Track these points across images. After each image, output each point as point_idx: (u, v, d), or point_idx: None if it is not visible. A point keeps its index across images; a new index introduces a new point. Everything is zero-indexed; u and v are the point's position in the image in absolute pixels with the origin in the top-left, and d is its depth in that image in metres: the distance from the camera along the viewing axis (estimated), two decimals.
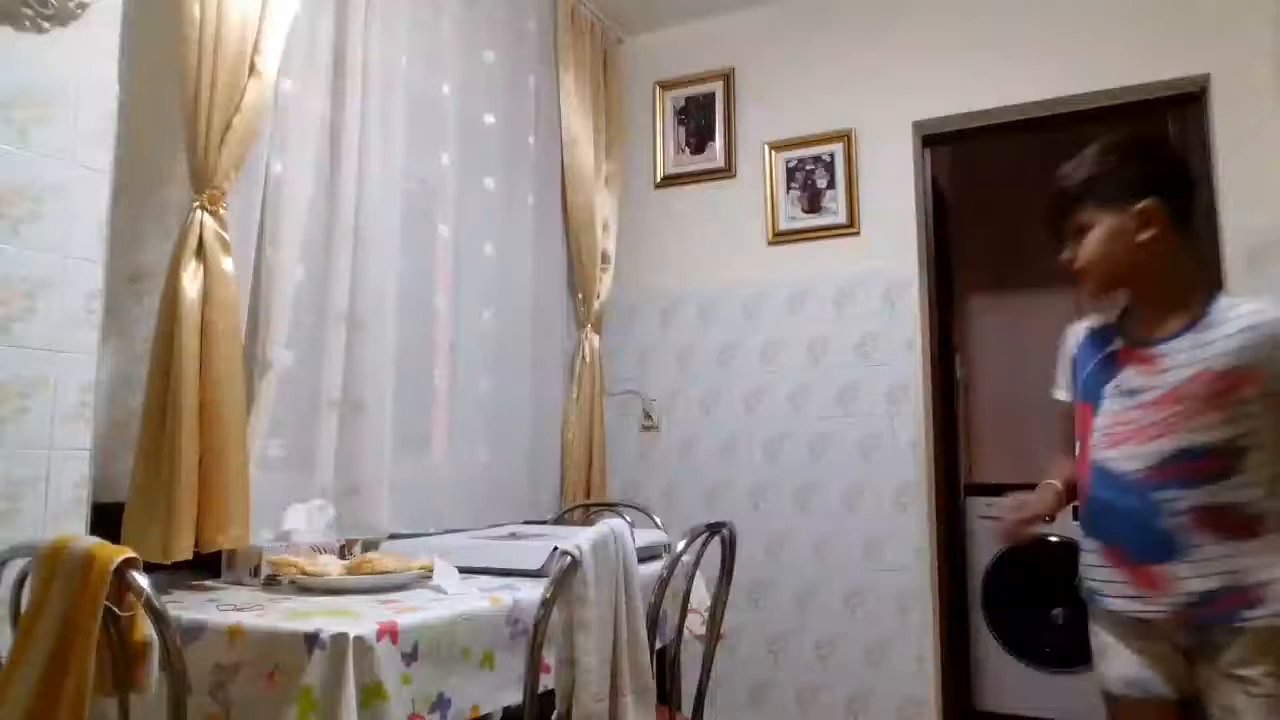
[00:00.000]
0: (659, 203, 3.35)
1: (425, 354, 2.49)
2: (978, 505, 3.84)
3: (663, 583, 1.77)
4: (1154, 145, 1.57)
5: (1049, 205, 1.59)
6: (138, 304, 1.81)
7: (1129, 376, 1.51)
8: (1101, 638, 1.56)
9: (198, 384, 1.64)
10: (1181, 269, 1.51)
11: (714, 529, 1.91)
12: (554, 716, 1.51)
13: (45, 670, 1.11)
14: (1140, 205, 1.48)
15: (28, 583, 1.19)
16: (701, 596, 2.17)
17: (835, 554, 2.92)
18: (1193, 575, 1.41)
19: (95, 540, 1.16)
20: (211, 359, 1.67)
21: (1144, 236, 1.48)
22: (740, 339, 3.15)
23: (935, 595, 2.83)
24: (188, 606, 1.49)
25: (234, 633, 1.36)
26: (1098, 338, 1.62)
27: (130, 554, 1.13)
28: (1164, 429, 1.45)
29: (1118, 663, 1.52)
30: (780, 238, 3.11)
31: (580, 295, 3.11)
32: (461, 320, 2.59)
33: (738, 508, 3.05)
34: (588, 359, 3.09)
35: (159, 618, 1.13)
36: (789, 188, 3.12)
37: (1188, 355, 1.45)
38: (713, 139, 3.28)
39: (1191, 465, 1.43)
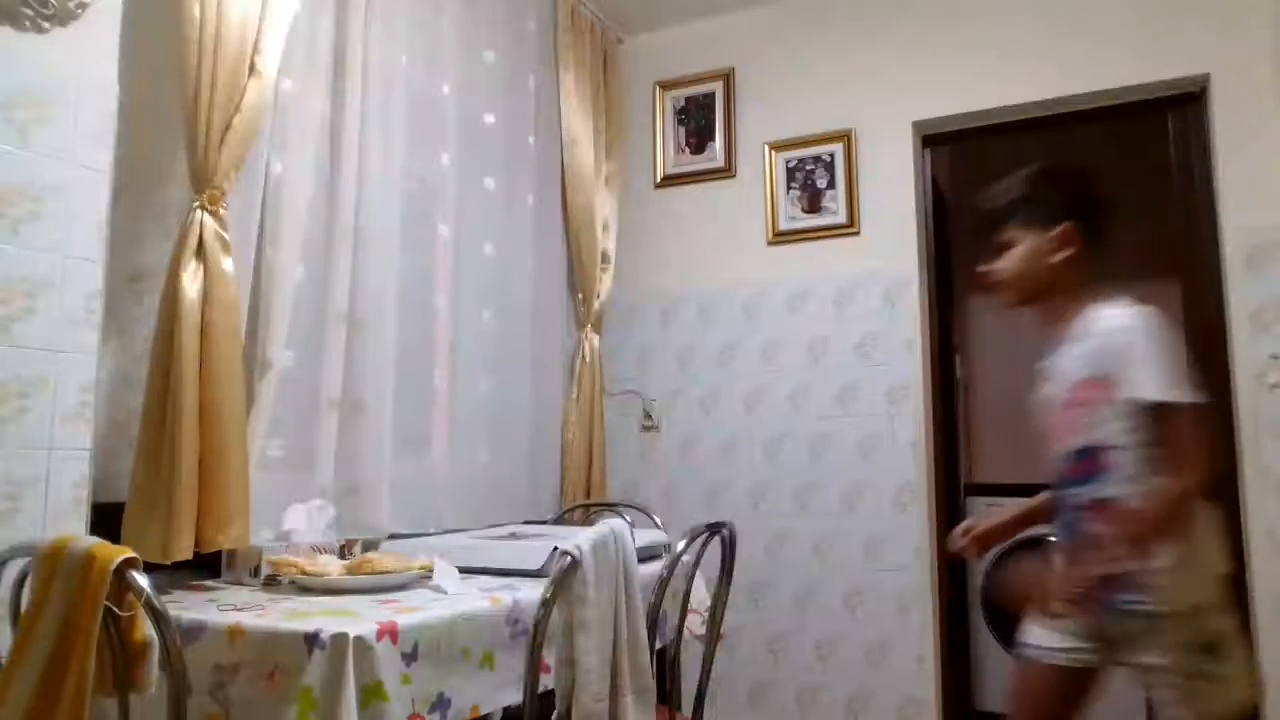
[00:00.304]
0: (659, 203, 3.35)
1: (425, 354, 2.49)
2: (978, 505, 3.83)
3: (663, 583, 1.77)
4: (1078, 174, 1.71)
5: (978, 221, 1.72)
6: (138, 304, 1.81)
7: (1041, 388, 1.69)
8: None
9: (198, 384, 1.64)
10: (1082, 288, 1.64)
11: (714, 529, 1.91)
12: (554, 716, 1.51)
13: (45, 670, 1.11)
14: (1060, 228, 1.63)
15: (28, 583, 1.19)
16: (701, 596, 2.16)
17: (835, 554, 2.91)
18: (1092, 561, 1.54)
19: (95, 540, 1.16)
20: (211, 359, 1.67)
21: (1060, 256, 1.62)
22: (740, 339, 3.15)
23: (935, 595, 2.83)
24: (188, 606, 1.49)
25: (234, 633, 1.36)
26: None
27: (130, 554, 1.13)
28: (1063, 433, 1.62)
29: (1036, 626, 1.64)
30: (780, 238, 3.11)
31: (580, 295, 3.11)
32: (461, 320, 2.59)
33: (738, 508, 3.05)
34: (588, 359, 3.09)
35: (159, 618, 1.13)
36: (789, 188, 3.12)
37: (1063, 367, 1.62)
38: (713, 139, 3.28)
39: (1083, 464, 1.58)
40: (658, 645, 1.83)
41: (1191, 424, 1.46)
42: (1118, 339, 1.52)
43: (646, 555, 1.98)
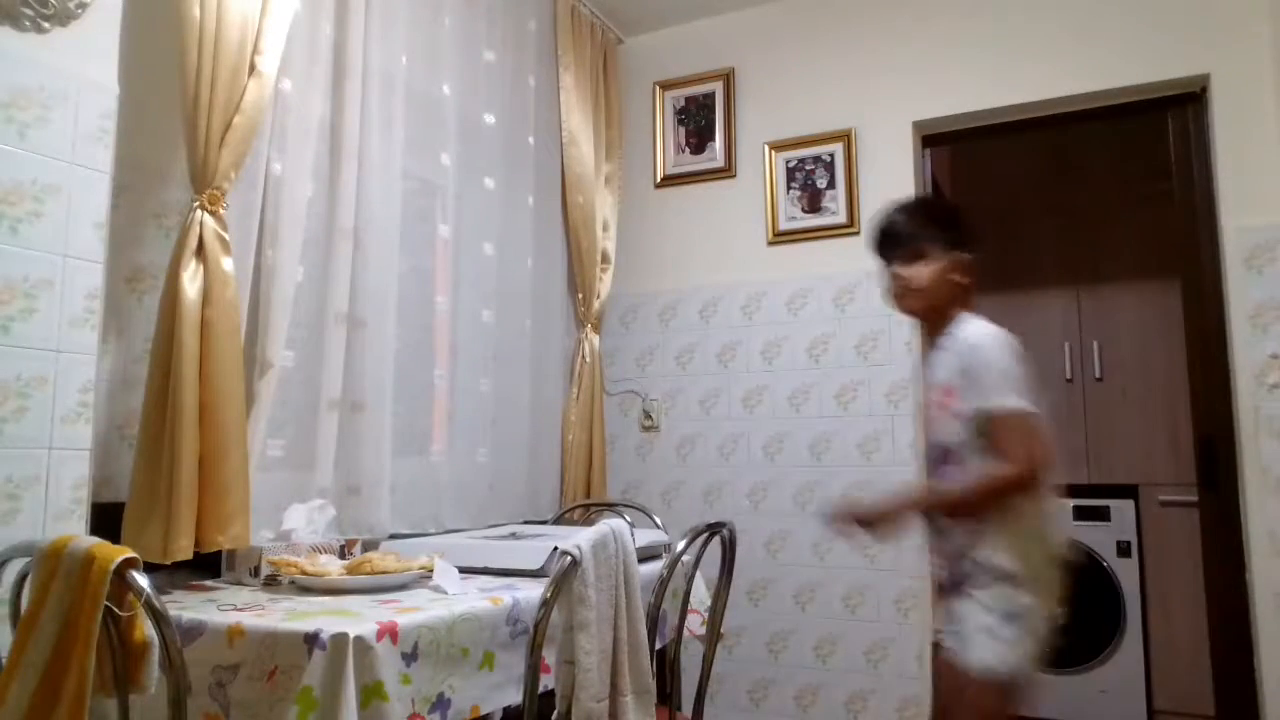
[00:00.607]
0: (659, 203, 3.35)
1: (425, 354, 2.49)
2: None
3: (663, 583, 1.77)
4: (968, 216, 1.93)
5: (890, 224, 1.87)
6: (138, 304, 1.81)
7: (922, 389, 1.91)
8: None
9: (198, 384, 1.64)
10: (965, 308, 1.83)
11: (714, 529, 1.91)
12: (554, 716, 1.51)
13: (45, 670, 1.11)
14: (964, 255, 1.82)
15: (28, 583, 1.19)
16: (701, 596, 2.17)
17: (835, 554, 2.91)
18: (941, 546, 1.79)
19: (95, 540, 1.16)
20: (211, 359, 1.67)
21: (960, 280, 1.82)
22: (740, 339, 3.15)
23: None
24: (188, 606, 1.49)
25: (234, 633, 1.36)
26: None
27: (130, 554, 1.13)
28: (929, 430, 1.84)
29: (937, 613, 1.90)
30: (780, 238, 3.11)
31: (580, 295, 3.11)
32: (461, 320, 2.58)
33: (738, 508, 3.05)
34: (588, 359, 3.09)
35: (159, 618, 1.13)
36: (789, 188, 3.12)
37: (933, 372, 1.83)
38: (713, 139, 3.28)
39: (940, 458, 1.79)
40: (658, 645, 1.83)
41: (1022, 427, 1.65)
42: (967, 355, 1.72)
43: (646, 555, 1.98)
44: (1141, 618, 3.51)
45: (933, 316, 1.86)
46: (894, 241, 1.86)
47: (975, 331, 1.74)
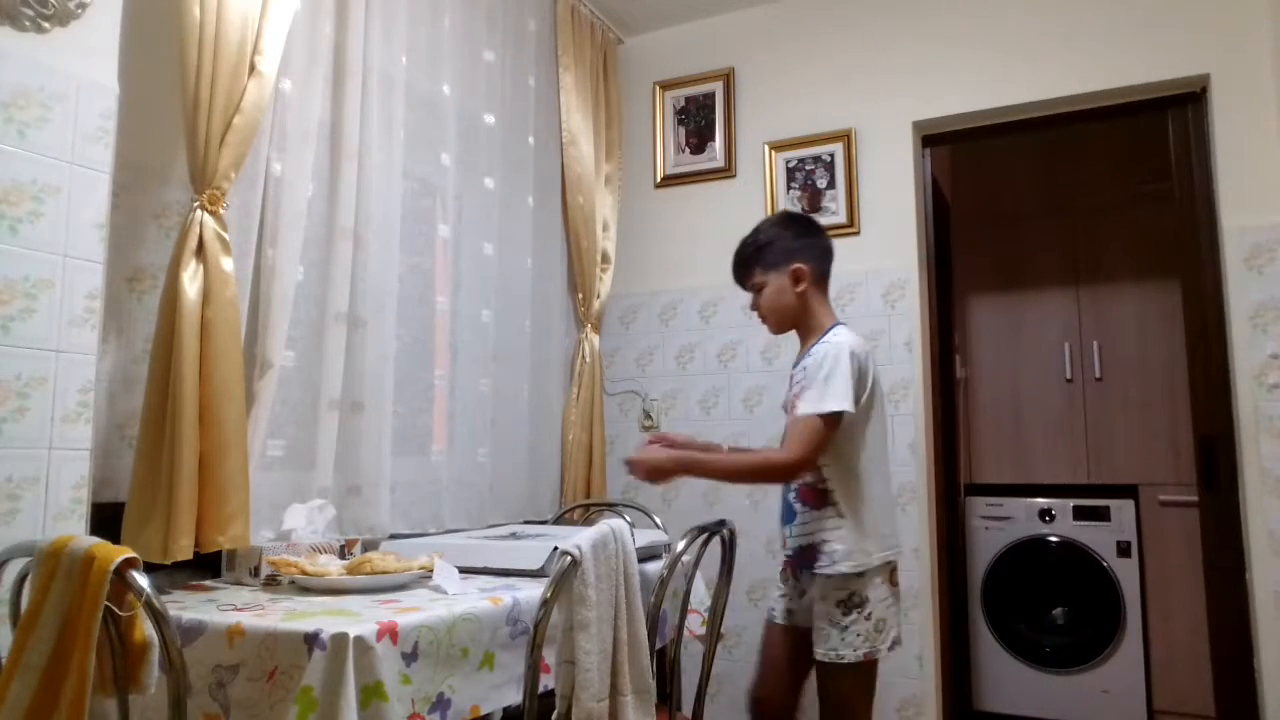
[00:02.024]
0: (659, 203, 3.35)
1: (425, 354, 2.49)
2: (978, 505, 3.84)
3: (663, 583, 1.77)
4: (803, 220, 2.15)
5: (734, 267, 2.13)
6: (138, 304, 1.81)
7: (787, 391, 2.08)
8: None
9: (198, 384, 1.64)
10: (821, 312, 2.06)
11: (714, 529, 1.91)
12: (554, 716, 1.51)
13: (45, 670, 1.11)
14: (793, 266, 2.02)
15: (28, 583, 1.19)
16: (701, 596, 2.17)
17: None
18: (794, 535, 1.99)
19: (95, 540, 1.16)
20: (211, 359, 1.67)
21: (799, 289, 2.03)
22: (740, 339, 3.15)
23: (935, 595, 2.83)
24: (188, 606, 1.49)
25: (234, 633, 1.36)
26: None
27: (130, 554, 1.13)
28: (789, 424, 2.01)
29: (771, 595, 2.15)
30: None
31: (580, 295, 3.11)
32: (461, 320, 2.58)
33: (738, 508, 3.05)
34: (588, 359, 3.09)
35: (159, 618, 1.13)
36: (789, 188, 3.12)
37: (798, 375, 2.01)
38: (713, 139, 3.28)
39: None
40: (658, 645, 1.83)
41: (810, 427, 1.86)
42: (813, 362, 1.92)
43: (646, 555, 1.98)
44: (1141, 618, 3.51)
45: (798, 328, 2.08)
46: (739, 279, 2.12)
47: (830, 341, 1.94)
